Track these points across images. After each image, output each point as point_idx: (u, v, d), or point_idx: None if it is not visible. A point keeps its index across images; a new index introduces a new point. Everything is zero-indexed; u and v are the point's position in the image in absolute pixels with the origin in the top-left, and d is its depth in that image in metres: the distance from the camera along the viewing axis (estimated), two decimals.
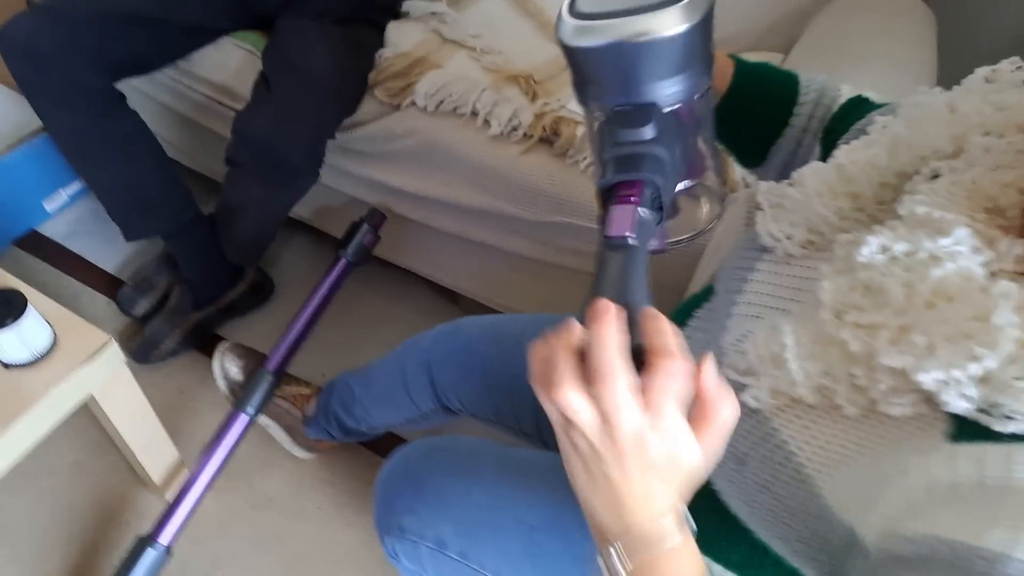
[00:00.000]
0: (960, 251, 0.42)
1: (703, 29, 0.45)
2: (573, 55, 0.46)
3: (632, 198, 0.43)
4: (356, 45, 1.23)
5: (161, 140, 1.30)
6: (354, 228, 1.26)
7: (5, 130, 1.49)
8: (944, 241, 0.42)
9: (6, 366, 0.84)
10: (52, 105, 1.19)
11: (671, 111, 0.47)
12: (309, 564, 1.19)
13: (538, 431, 0.91)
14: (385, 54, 1.24)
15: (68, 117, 1.21)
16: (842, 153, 0.55)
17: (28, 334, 0.83)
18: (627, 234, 0.41)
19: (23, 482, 1.22)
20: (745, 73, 0.67)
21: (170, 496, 1.10)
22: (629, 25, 0.43)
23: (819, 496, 0.45)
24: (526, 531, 0.72)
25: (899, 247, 0.44)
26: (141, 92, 1.43)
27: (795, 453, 0.46)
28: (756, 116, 0.68)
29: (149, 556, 1.05)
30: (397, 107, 1.22)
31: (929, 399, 0.40)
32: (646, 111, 0.45)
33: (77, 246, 1.59)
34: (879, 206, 0.53)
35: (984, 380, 0.38)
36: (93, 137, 1.23)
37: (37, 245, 1.59)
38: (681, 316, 0.67)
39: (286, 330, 1.23)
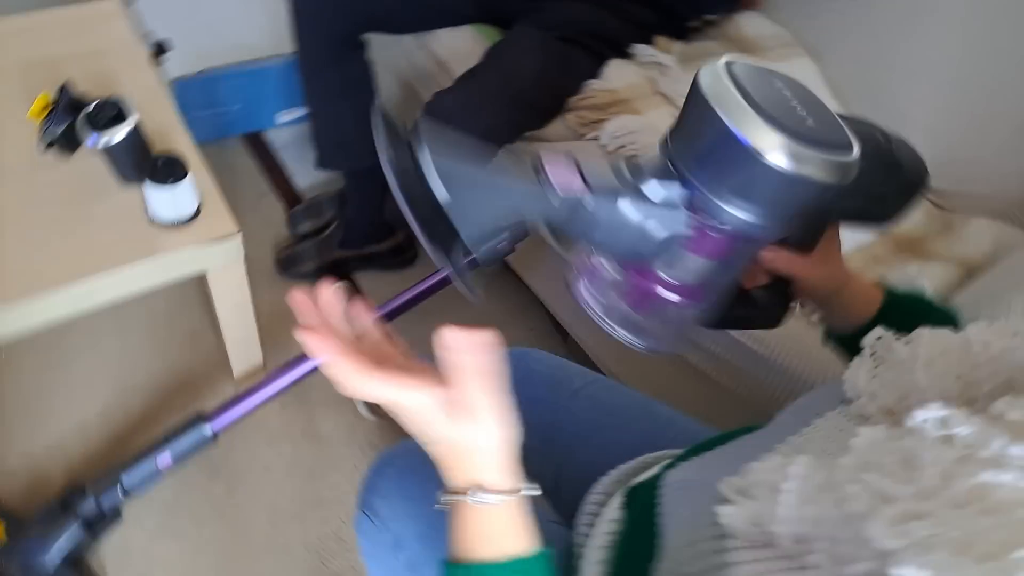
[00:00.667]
0: None
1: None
2: (767, 174, 0.41)
3: None
4: (569, 66, 1.26)
5: (387, 88, 1.42)
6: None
7: (271, 42, 1.70)
8: (1018, 451, 0.35)
9: (151, 219, 0.96)
10: (307, 32, 1.35)
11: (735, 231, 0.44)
12: (324, 510, 1.23)
13: (555, 491, 0.87)
14: (593, 84, 1.25)
15: (313, 46, 1.36)
16: (975, 330, 0.47)
17: (178, 199, 0.94)
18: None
19: (137, 328, 1.39)
20: (894, 306, 0.63)
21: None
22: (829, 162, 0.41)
23: None
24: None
25: (962, 431, 0.37)
26: (381, 42, 1.57)
27: None
28: None
29: (198, 432, 1.13)
30: (581, 136, 1.23)
31: None
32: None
33: (284, 157, 1.78)
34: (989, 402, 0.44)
35: None
36: (326, 69, 1.38)
37: (256, 144, 1.80)
38: (724, 438, 0.61)
39: (400, 292, 1.28)
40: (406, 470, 0.77)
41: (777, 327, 0.67)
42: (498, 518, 0.46)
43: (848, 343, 0.66)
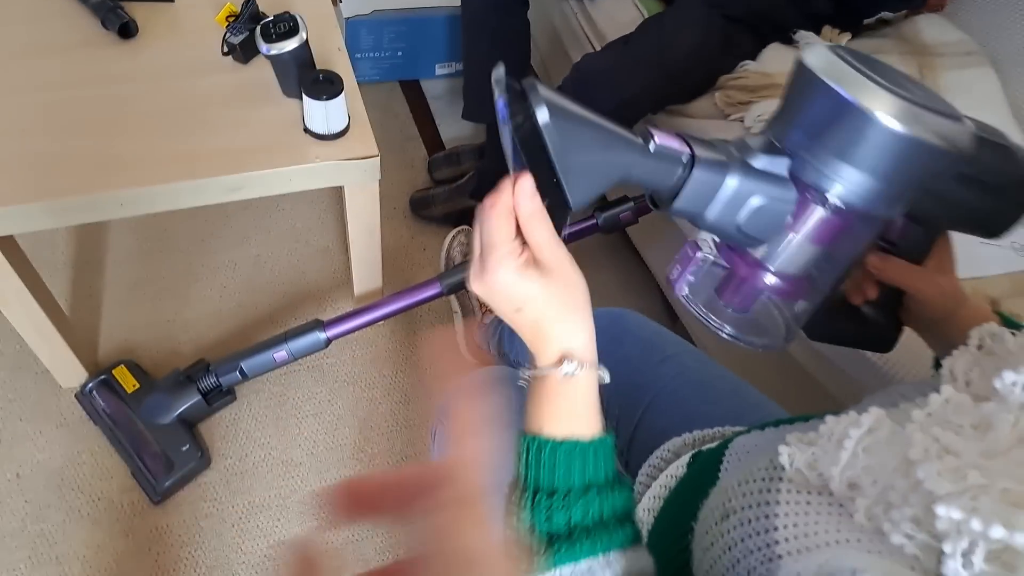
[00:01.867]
0: None
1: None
2: (879, 133, 0.41)
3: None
4: (728, 44, 1.23)
5: (534, 43, 1.46)
6: (620, 201, 1.29)
7: None
8: None
9: (304, 129, 1.04)
10: None
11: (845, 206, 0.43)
12: (412, 432, 1.30)
13: (627, 448, 0.87)
14: (748, 65, 1.22)
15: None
16: None
17: (330, 113, 1.02)
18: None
19: (279, 237, 1.51)
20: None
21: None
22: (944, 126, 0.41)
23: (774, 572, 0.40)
24: None
25: None
26: (543, 4, 1.61)
27: (777, 528, 0.41)
28: None
29: (314, 336, 1.23)
30: (726, 116, 1.20)
31: (934, 550, 0.33)
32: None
33: (435, 106, 1.87)
34: None
35: (1000, 554, 0.30)
36: (487, 19, 1.43)
37: (412, 90, 1.89)
38: (806, 417, 0.59)
39: None
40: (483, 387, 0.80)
41: (888, 351, 0.64)
42: (579, 393, 0.45)
43: None
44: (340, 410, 1.30)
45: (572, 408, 0.45)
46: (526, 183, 0.42)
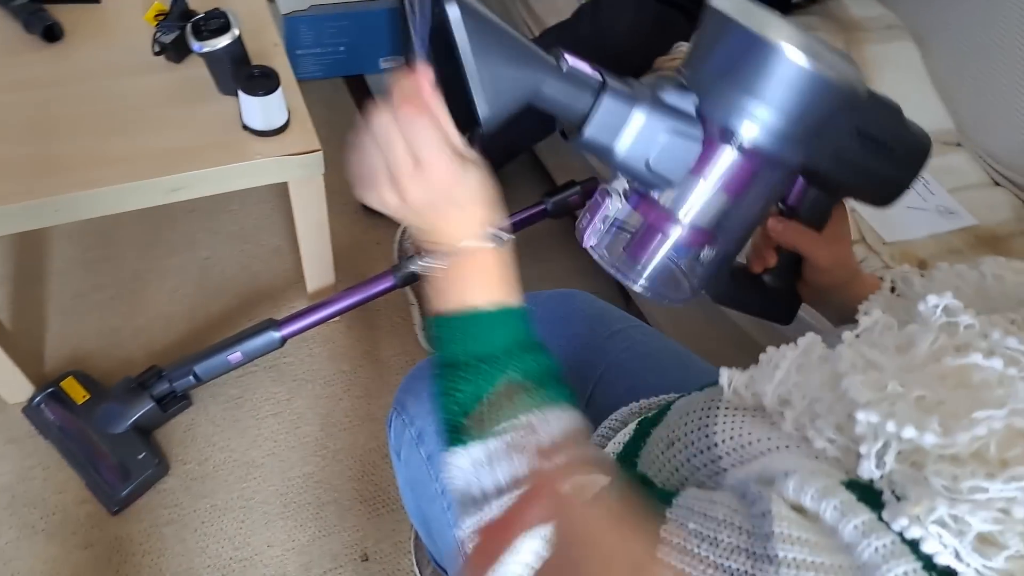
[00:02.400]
0: None
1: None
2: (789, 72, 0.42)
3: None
4: (663, 26, 1.26)
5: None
6: (568, 185, 1.31)
7: None
8: (1013, 342, 0.36)
9: (243, 126, 1.04)
10: None
11: (752, 146, 0.44)
12: (374, 426, 1.30)
13: None
14: (682, 46, 1.25)
15: None
16: (990, 264, 0.50)
17: (268, 109, 1.01)
18: None
19: (228, 238, 1.50)
20: None
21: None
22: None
23: (722, 484, 0.42)
24: None
25: (965, 319, 0.38)
26: None
27: (717, 445, 0.43)
28: None
29: (268, 335, 1.22)
30: None
31: (852, 452, 0.36)
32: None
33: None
34: None
35: (910, 455, 0.32)
36: None
37: (357, 85, 1.88)
38: None
39: None
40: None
41: (788, 323, 0.66)
42: (494, 262, 0.46)
43: None
44: (300, 408, 1.30)
45: (504, 276, 0.47)
46: (429, 74, 0.42)
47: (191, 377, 1.16)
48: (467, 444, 0.44)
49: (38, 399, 1.17)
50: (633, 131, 0.43)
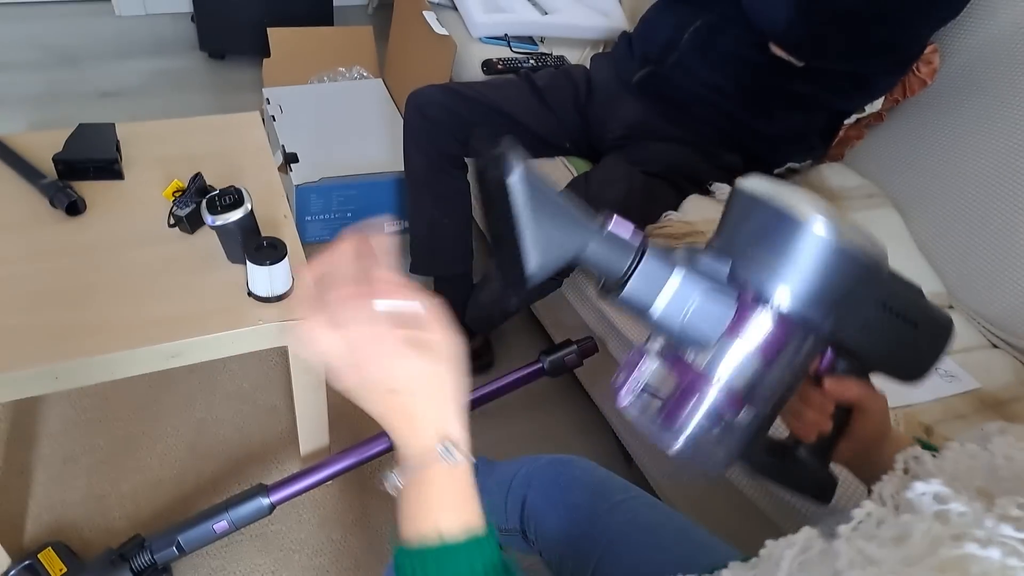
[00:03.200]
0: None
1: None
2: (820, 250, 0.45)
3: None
4: (651, 197, 1.33)
5: (475, 201, 1.54)
6: (564, 344, 1.32)
7: (386, 159, 1.89)
8: (1008, 531, 0.35)
9: (248, 293, 1.07)
10: (415, 149, 1.51)
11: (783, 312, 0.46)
12: None
13: None
14: (671, 215, 1.31)
15: (421, 162, 1.51)
16: (1000, 444, 0.48)
17: (274, 277, 1.04)
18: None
19: (224, 398, 1.49)
20: None
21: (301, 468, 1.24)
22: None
23: None
24: None
25: (957, 508, 0.37)
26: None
27: None
28: None
29: (257, 502, 1.19)
30: None
31: None
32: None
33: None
34: None
35: None
36: (429, 182, 1.52)
37: None
38: None
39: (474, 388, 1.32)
40: None
41: (828, 502, 0.65)
42: (455, 482, 0.44)
43: None
44: None
45: (466, 493, 0.45)
46: (383, 241, 0.44)
47: (174, 548, 1.10)
48: None
49: (12, 573, 1.11)
50: (670, 292, 0.45)
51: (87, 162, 1.19)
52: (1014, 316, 1.20)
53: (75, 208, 1.12)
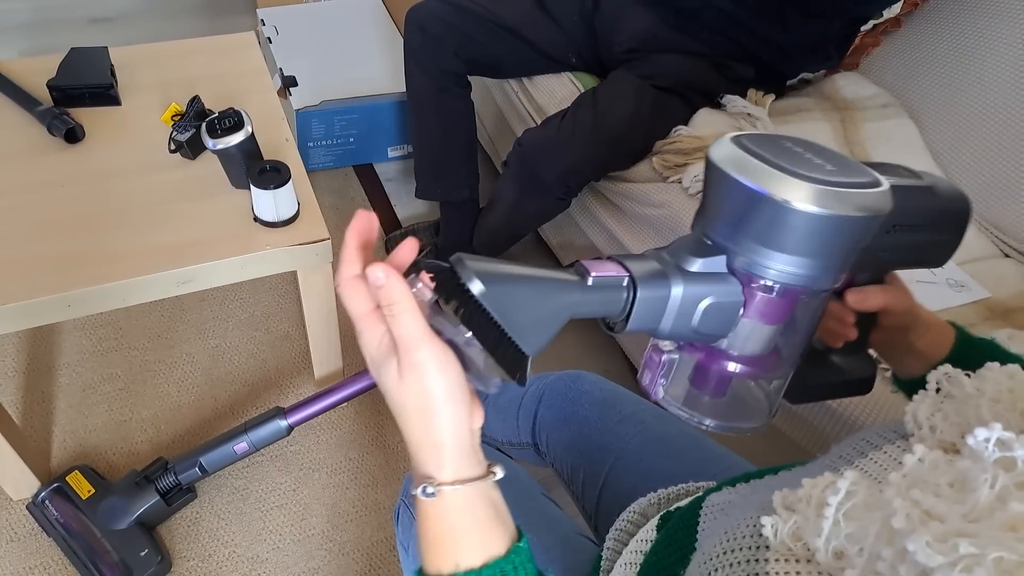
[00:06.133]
0: None
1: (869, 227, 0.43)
2: (782, 213, 0.42)
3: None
4: (661, 112, 1.29)
5: (480, 122, 1.51)
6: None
7: (387, 80, 1.84)
8: None
9: (254, 219, 1.06)
10: (417, 69, 1.46)
11: (786, 287, 0.44)
12: (382, 516, 1.26)
13: (595, 513, 0.87)
14: (681, 130, 1.28)
15: (423, 82, 1.47)
16: None
17: (279, 201, 1.03)
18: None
19: (238, 325, 1.50)
20: (966, 347, 0.60)
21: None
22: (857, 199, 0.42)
23: None
24: None
25: (1023, 452, 0.34)
26: (485, 85, 1.67)
27: None
28: None
29: (275, 424, 1.20)
30: (665, 179, 1.25)
31: None
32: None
33: (389, 187, 1.91)
34: None
35: None
36: (432, 103, 1.48)
37: (366, 174, 1.93)
38: (777, 469, 0.59)
39: None
40: None
41: (870, 392, 0.64)
42: (474, 503, 0.43)
43: (918, 388, 0.64)
44: (306, 499, 1.27)
45: (489, 517, 0.43)
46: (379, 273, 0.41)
47: (197, 469, 1.13)
48: None
49: (43, 495, 1.15)
50: (673, 310, 0.43)
51: (82, 88, 1.16)
52: None
53: (73, 135, 1.10)
